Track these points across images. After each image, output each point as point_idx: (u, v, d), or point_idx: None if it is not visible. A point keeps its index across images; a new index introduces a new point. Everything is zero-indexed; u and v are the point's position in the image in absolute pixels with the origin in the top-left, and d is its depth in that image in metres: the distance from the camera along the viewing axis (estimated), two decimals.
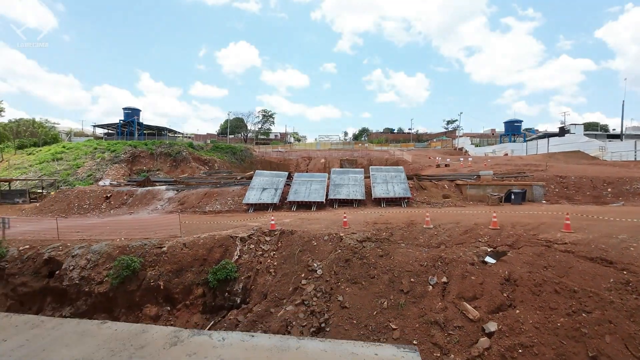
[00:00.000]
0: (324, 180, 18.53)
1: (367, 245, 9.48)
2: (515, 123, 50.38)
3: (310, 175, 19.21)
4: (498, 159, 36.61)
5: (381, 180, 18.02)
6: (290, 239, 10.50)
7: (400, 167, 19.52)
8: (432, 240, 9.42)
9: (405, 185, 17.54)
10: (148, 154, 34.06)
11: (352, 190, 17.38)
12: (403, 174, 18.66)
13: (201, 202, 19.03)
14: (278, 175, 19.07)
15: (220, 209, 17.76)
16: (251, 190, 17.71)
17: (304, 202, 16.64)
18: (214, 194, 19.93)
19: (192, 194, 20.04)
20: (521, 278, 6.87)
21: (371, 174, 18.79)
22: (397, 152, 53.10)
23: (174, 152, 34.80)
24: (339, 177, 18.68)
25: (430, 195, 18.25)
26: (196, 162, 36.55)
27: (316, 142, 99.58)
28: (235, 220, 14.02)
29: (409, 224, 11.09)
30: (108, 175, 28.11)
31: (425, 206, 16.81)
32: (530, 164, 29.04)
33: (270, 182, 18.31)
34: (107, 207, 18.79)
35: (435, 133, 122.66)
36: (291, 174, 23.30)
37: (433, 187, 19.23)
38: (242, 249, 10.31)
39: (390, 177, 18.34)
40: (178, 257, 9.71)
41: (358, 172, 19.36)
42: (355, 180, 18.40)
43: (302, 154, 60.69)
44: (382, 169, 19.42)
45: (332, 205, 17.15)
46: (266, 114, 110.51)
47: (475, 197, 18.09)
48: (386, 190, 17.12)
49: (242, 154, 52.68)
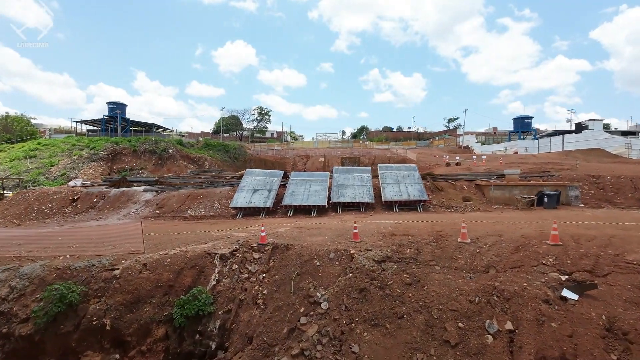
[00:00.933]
0: (325, 180, 16.20)
1: (387, 267, 7.18)
2: (525, 120, 48.32)
3: (309, 175, 16.87)
4: (511, 157, 34.51)
5: (392, 181, 15.72)
6: (286, 256, 8.17)
7: (412, 165, 17.25)
8: (475, 261, 7.12)
9: (421, 186, 15.25)
10: (131, 152, 31.54)
11: (359, 192, 15.07)
12: (417, 173, 16.38)
13: (182, 206, 16.64)
14: (272, 175, 16.72)
15: (204, 214, 15.38)
16: (240, 191, 15.35)
17: (302, 206, 14.31)
18: (198, 195, 17.55)
19: (173, 196, 17.64)
20: (635, 330, 4.59)
21: (380, 173, 16.48)
22: (400, 151, 50.89)
23: (160, 149, 32.30)
24: (343, 177, 16.36)
25: (449, 198, 15.98)
26: (184, 161, 34.08)
27: (314, 141, 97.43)
28: (219, 228, 11.66)
29: (436, 236, 8.79)
30: (84, 174, 25.59)
31: (445, 210, 14.55)
32: (550, 162, 26.91)
33: (262, 183, 15.95)
34: (72, 212, 16.34)
35: (436, 132, 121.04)
36: (287, 173, 20.97)
37: (450, 188, 16.97)
38: (222, 271, 7.96)
39: (403, 176, 16.05)
40: (135, 283, 7.33)
41: (364, 170, 17.04)
42: (362, 180, 16.09)
43: (299, 153, 58.35)
44: (392, 167, 17.12)
45: (335, 209, 14.83)
46: (262, 112, 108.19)
47: (500, 199, 15.86)
48: (398, 192, 14.82)
49: (236, 152, 50.24)
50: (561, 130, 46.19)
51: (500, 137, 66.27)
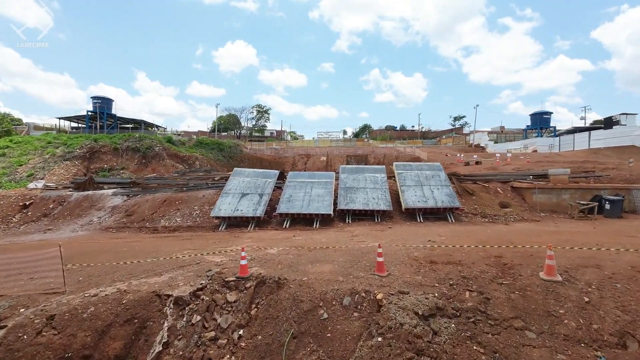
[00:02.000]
0: (331, 181, 13.43)
1: (441, 328, 4.41)
2: (544, 115, 45.47)
3: (310, 175, 14.09)
4: (534, 155, 31.69)
5: (413, 182, 12.93)
6: (276, 301, 5.40)
7: (436, 164, 14.44)
8: (593, 322, 4.30)
9: (450, 189, 12.47)
10: (111, 150, 28.80)
11: (372, 197, 12.28)
12: (443, 173, 13.59)
13: (156, 213, 13.88)
14: (265, 175, 13.93)
15: (180, 224, 12.61)
16: (225, 196, 12.58)
17: (301, 215, 11.52)
18: (176, 200, 14.79)
19: (146, 201, 14.89)
20: None
21: (397, 173, 13.69)
22: (407, 150, 48.10)
23: (144, 147, 29.56)
24: (352, 178, 13.58)
25: (483, 204, 13.18)
26: (172, 160, 31.34)
27: (315, 140, 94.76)
28: (191, 247, 8.90)
29: (500, 267, 6.01)
30: (53, 174, 22.85)
31: (481, 220, 11.76)
32: (585, 161, 24.09)
33: (253, 185, 13.17)
34: (20, 221, 13.59)
35: (442, 130, 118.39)
36: (284, 172, 18.20)
37: (482, 192, 14.17)
38: (175, 327, 5.18)
39: (426, 177, 13.26)
40: (23, 356, 4.55)
41: (378, 170, 14.25)
42: (375, 181, 13.31)
43: (299, 152, 55.62)
44: (411, 165, 14.32)
45: (342, 218, 12.05)
46: (261, 110, 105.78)
47: (546, 205, 13.08)
48: (422, 197, 12.04)
49: (231, 151, 47.49)
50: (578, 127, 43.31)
51: (513, 135, 63.54)
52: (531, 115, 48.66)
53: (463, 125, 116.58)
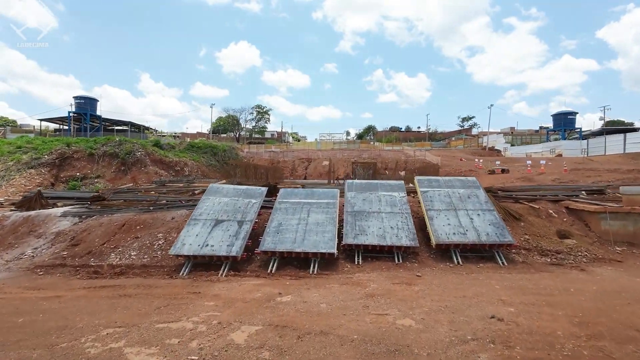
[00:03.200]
0: (333, 202, 10.42)
1: None
2: (568, 116, 42.19)
3: (307, 193, 11.07)
4: (568, 161, 28.47)
5: (443, 205, 9.90)
6: None
7: (471, 179, 11.34)
8: None
9: (494, 215, 9.42)
10: (86, 155, 26.03)
11: (390, 226, 9.26)
12: (481, 191, 10.53)
13: (108, 243, 10.94)
14: (248, 194, 10.93)
15: (134, 261, 9.63)
16: (193, 224, 9.61)
17: (293, 253, 8.51)
18: (138, 224, 11.86)
19: (100, 226, 11.97)
20: None
21: (421, 191, 10.66)
22: (417, 153, 45.03)
23: (123, 152, 26.74)
24: (361, 198, 10.58)
25: (535, 233, 10.11)
26: (156, 166, 28.53)
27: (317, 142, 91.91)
28: (120, 320, 5.91)
29: None
30: (12, 185, 20.05)
31: (540, 260, 8.69)
32: (632, 169, 20.95)
33: (232, 208, 10.19)
34: None
35: (450, 131, 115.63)
36: (277, 185, 15.24)
37: (531, 215, 11.09)
38: None
39: (459, 198, 10.22)
40: None
41: (394, 187, 11.22)
42: (392, 203, 10.29)
43: (300, 155, 52.75)
44: (438, 181, 11.25)
45: (350, 256, 9.03)
46: (261, 111, 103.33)
47: (621, 235, 10.01)
48: (459, 227, 9.00)
49: (225, 155, 44.76)
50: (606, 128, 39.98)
51: (530, 137, 60.08)
52: (554, 116, 45.35)
53: (472, 127, 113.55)
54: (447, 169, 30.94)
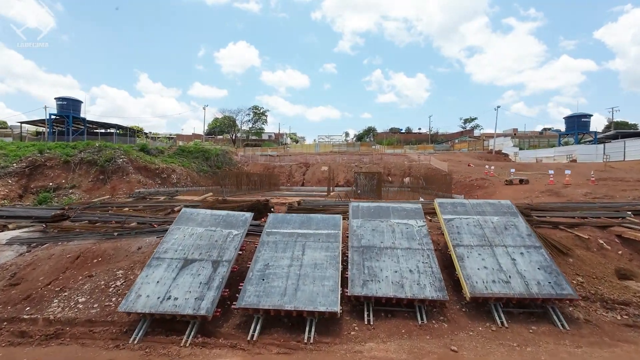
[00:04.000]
0: (335, 233, 8.40)
1: None
2: (582, 118, 40.28)
3: (302, 220, 9.02)
4: (579, 167, 26.57)
5: (475, 239, 7.90)
6: None
7: (504, 203, 9.30)
8: None
9: (543, 254, 7.42)
10: (60, 163, 23.89)
11: (408, 269, 7.25)
12: (520, 220, 8.53)
13: (54, 284, 8.89)
14: (229, 223, 8.88)
15: (76, 315, 7.55)
16: (155, 266, 7.56)
17: (283, 311, 6.45)
18: (96, 256, 9.83)
19: (49, 257, 9.91)
20: None
21: (444, 219, 8.64)
22: (422, 157, 43.06)
23: (103, 159, 24.62)
24: (370, 227, 8.57)
25: (590, 274, 8.10)
26: (140, 174, 26.43)
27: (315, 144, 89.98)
28: None
29: None
30: None
31: (607, 317, 6.66)
32: None
33: (206, 242, 8.15)
34: None
35: (452, 133, 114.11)
36: (269, 205, 13.27)
37: (579, 247, 9.08)
38: None
39: (493, 228, 8.22)
40: None
41: (411, 211, 9.20)
42: (409, 234, 8.28)
43: (297, 159, 50.71)
44: (465, 205, 9.22)
45: (357, 310, 7.00)
46: (257, 112, 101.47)
47: None
48: (498, 270, 7.00)
49: (218, 160, 42.72)
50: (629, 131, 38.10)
51: (538, 140, 58.16)
52: (566, 119, 43.41)
53: (474, 128, 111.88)
54: (456, 177, 28.97)
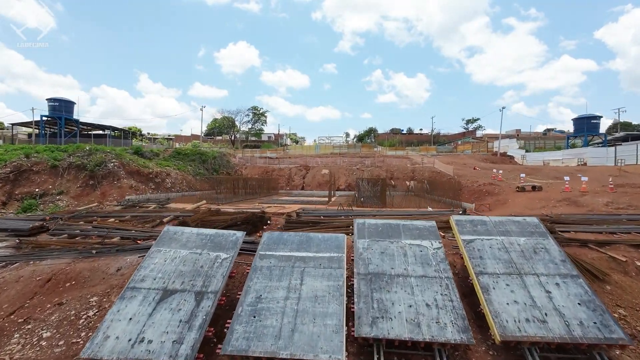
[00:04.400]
0: (338, 256, 7.38)
1: None
2: (592, 120, 39.22)
3: (301, 241, 7.98)
4: (591, 171, 25.55)
5: (501, 266, 6.86)
6: None
7: (531, 221, 8.24)
8: None
9: (583, 287, 6.37)
10: (48, 168, 22.86)
11: (425, 302, 6.22)
12: (551, 242, 7.48)
13: (19, 313, 7.87)
14: (217, 244, 7.84)
15: (35, 357, 6.51)
16: (129, 299, 6.53)
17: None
18: (68, 279, 8.83)
19: (17, 281, 8.91)
20: None
21: (462, 240, 7.61)
22: (426, 160, 42.01)
23: (93, 163, 23.59)
24: (378, 249, 7.55)
25: (633, 305, 7.06)
26: (132, 179, 25.42)
27: (315, 145, 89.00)
28: None
29: None
30: None
31: None
32: None
33: (190, 268, 7.12)
34: None
35: (454, 134, 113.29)
36: (265, 216, 12.27)
37: (617, 272, 8.04)
38: None
39: (520, 253, 7.18)
40: None
41: (424, 230, 8.16)
42: (424, 258, 7.25)
43: (297, 161, 49.73)
44: (485, 223, 8.17)
45: (365, 352, 5.97)
46: (257, 112, 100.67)
47: None
48: (533, 308, 5.96)
49: (216, 163, 41.72)
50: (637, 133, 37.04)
51: (543, 141, 57.13)
52: (574, 120, 42.32)
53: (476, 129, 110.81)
54: (462, 181, 27.92)
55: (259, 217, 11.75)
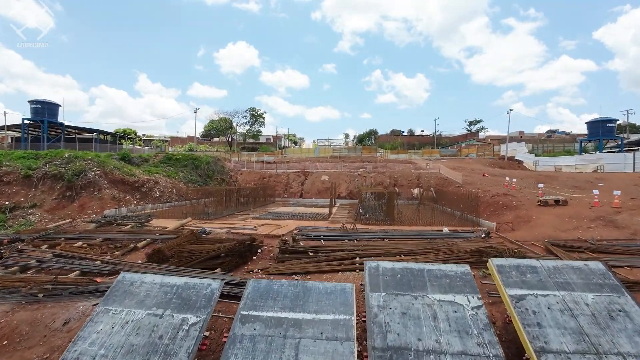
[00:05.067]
0: (345, 320, 5.57)
1: None
2: (607, 123, 37.50)
3: (295, 294, 6.18)
4: (612, 180, 23.86)
5: (569, 340, 5.07)
6: None
7: (595, 267, 6.45)
8: None
9: None
10: (20, 178, 21.00)
11: None
12: (629, 300, 5.69)
13: None
14: (185, 302, 6.01)
15: None
16: None
17: None
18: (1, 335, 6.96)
19: None
20: None
21: (510, 297, 5.80)
22: (430, 165, 40.27)
23: (71, 172, 21.72)
24: (398, 309, 5.74)
25: None
26: (116, 188, 23.56)
27: (315, 147, 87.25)
28: None
29: None
30: None
31: None
32: None
33: (145, 340, 5.28)
34: None
35: (456, 136, 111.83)
36: (254, 246, 10.48)
37: None
38: None
39: (591, 318, 5.38)
40: None
41: (455, 278, 6.35)
42: (461, 324, 5.44)
43: (296, 166, 47.94)
44: (534, 270, 6.35)
45: None
46: (255, 114, 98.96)
47: None
48: None
49: (209, 169, 39.91)
50: None
51: (552, 145, 55.51)
52: (589, 124, 40.53)
53: (478, 130, 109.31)
54: (468, 187, 26.16)
55: (248, 246, 9.94)
